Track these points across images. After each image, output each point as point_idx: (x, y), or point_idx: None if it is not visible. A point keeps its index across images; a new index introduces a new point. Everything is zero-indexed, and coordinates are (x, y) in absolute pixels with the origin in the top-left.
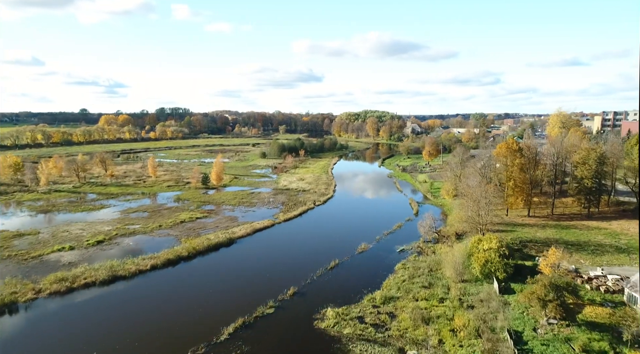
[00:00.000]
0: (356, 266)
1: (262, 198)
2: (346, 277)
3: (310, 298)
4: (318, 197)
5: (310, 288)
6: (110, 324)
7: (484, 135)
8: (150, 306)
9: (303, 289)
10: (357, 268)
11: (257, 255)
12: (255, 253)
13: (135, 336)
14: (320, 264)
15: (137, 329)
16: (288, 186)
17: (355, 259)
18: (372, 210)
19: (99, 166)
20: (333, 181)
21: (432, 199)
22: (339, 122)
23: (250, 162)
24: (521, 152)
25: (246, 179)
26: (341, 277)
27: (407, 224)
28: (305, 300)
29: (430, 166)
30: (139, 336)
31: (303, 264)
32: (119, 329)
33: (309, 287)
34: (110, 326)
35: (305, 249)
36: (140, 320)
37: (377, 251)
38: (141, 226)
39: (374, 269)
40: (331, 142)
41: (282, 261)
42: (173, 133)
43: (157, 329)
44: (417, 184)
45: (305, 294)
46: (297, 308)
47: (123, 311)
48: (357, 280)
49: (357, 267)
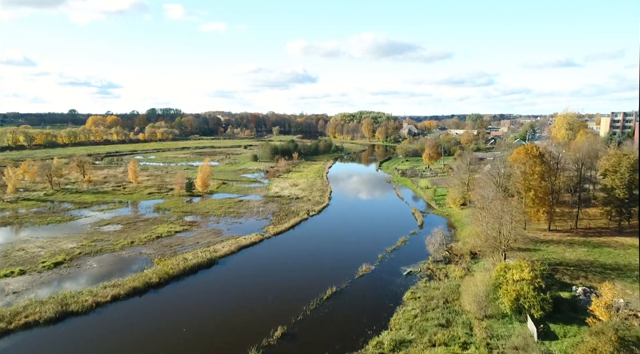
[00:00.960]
0: (357, 296)
1: (250, 207)
2: (346, 311)
3: (302, 341)
4: (312, 206)
5: (302, 327)
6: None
7: (483, 136)
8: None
9: (293, 328)
10: (358, 298)
11: (240, 280)
12: (238, 278)
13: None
14: (315, 293)
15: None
16: (280, 193)
17: (356, 285)
18: (372, 221)
19: (76, 171)
20: (328, 187)
21: (436, 208)
22: (333, 123)
23: (241, 165)
24: (542, 158)
25: (235, 185)
26: (340, 311)
27: (412, 238)
28: (296, 345)
29: (430, 169)
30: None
31: (294, 293)
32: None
33: (300, 325)
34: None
35: (297, 272)
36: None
37: (381, 273)
38: (111, 242)
39: (379, 299)
40: (326, 144)
41: (269, 287)
42: (163, 134)
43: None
44: (419, 190)
45: (296, 337)
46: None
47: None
48: (359, 315)
49: (359, 297)
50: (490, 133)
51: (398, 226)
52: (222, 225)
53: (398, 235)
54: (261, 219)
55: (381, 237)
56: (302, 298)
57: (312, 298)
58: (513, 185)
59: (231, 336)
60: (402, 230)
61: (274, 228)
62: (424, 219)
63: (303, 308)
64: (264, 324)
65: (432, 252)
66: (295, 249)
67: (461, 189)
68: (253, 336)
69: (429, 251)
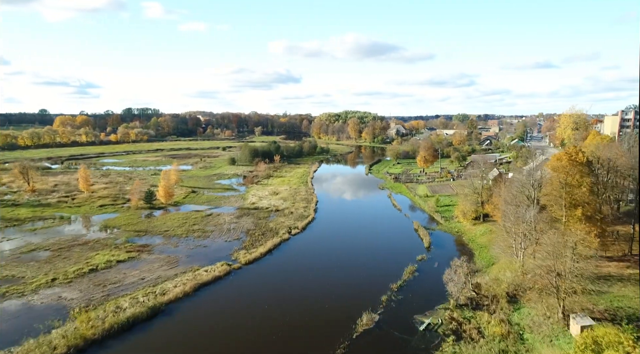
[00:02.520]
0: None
1: (220, 223)
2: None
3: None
4: (295, 222)
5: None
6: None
7: (477, 137)
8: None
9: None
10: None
11: (192, 344)
12: (190, 339)
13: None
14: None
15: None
16: (257, 204)
17: (355, 348)
18: (368, 241)
19: (19, 178)
20: (314, 196)
21: (442, 222)
22: (318, 123)
23: (217, 169)
24: (590, 166)
25: (206, 194)
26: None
27: (421, 267)
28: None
29: (426, 174)
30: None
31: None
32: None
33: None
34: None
35: (269, 327)
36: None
37: (388, 327)
38: (25, 279)
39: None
40: (310, 146)
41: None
42: (137, 136)
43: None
44: (418, 199)
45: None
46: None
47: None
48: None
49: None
50: (481, 134)
51: (401, 248)
52: (181, 249)
53: (402, 262)
54: (231, 241)
55: (382, 266)
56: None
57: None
58: (551, 200)
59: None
60: (406, 254)
61: (246, 254)
62: (431, 238)
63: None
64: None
65: (454, 293)
66: (269, 288)
67: (473, 199)
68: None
69: (449, 289)
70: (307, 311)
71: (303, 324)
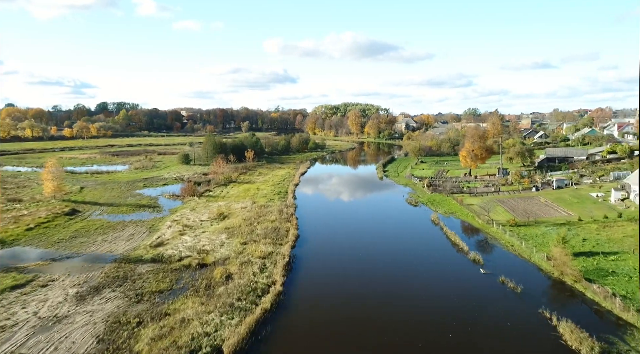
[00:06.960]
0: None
1: (10, 326)
2: None
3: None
4: (227, 318)
5: None
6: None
7: (514, 129)
8: None
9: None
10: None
11: None
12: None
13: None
14: None
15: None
16: (167, 248)
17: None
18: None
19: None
20: (293, 222)
21: (603, 302)
22: (313, 116)
23: (161, 171)
24: None
25: (94, 217)
26: None
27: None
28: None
29: (476, 177)
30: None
31: None
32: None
33: None
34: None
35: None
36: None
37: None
38: None
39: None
40: (301, 140)
41: None
42: (99, 131)
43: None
44: (502, 234)
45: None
46: None
47: None
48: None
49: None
50: (507, 127)
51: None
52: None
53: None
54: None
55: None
56: None
57: None
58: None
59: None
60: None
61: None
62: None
63: None
64: None
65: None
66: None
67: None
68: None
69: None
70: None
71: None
